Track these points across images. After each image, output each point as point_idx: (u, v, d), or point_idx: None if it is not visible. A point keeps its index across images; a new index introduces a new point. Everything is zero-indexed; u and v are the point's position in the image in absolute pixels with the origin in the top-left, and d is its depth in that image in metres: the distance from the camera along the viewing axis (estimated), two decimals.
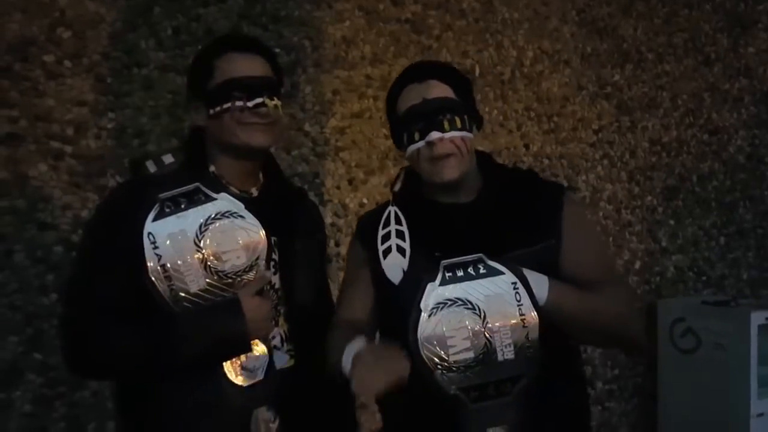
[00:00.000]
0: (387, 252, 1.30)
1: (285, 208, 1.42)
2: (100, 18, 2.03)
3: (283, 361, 1.34)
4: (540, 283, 1.18)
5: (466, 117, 1.32)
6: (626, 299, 1.35)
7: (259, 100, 1.28)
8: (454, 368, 1.09)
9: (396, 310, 1.15)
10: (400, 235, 1.23)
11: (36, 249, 1.90)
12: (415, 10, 2.62)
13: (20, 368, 1.86)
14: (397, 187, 1.41)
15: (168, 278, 1.17)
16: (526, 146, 2.87)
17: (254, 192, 1.39)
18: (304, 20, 2.38)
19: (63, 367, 1.85)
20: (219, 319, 1.21)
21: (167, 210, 1.19)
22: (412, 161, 1.35)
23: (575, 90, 3.01)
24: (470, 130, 1.33)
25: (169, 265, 1.17)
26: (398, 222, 1.26)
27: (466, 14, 2.74)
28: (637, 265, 3.12)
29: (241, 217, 1.22)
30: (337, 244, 2.42)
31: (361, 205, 2.47)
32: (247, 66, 1.31)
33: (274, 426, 1.25)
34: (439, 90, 1.32)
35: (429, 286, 1.11)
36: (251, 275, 1.24)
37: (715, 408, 2.74)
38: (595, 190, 3.04)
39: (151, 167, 1.26)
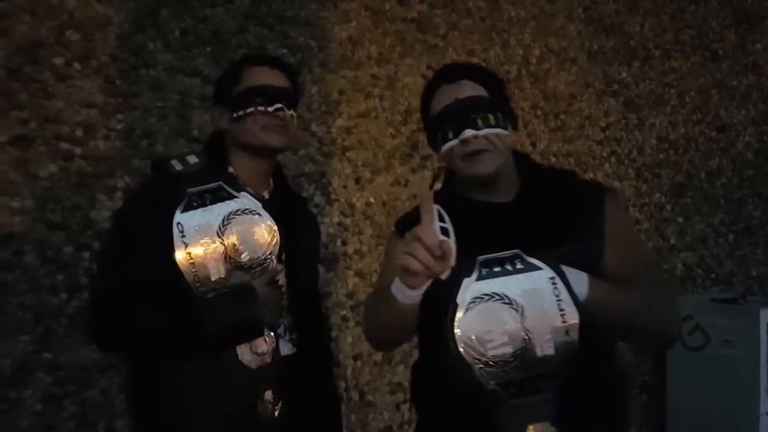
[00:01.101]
0: None
1: (291, 212, 1.53)
2: (108, 20, 2.05)
3: (286, 348, 1.46)
4: (579, 279, 1.17)
5: (499, 114, 1.32)
6: (665, 297, 1.32)
7: (278, 105, 1.45)
8: (491, 363, 1.07)
9: (438, 306, 1.14)
10: (444, 231, 1.20)
11: (46, 249, 1.92)
12: (421, 9, 2.63)
13: (30, 367, 1.87)
14: (437, 187, 1.40)
15: (192, 265, 1.28)
16: (533, 144, 2.87)
17: (266, 195, 1.53)
18: (310, 20, 2.39)
19: (72, 365, 1.91)
20: (237, 304, 1.31)
21: (194, 204, 1.30)
22: (447, 160, 1.36)
23: (582, 88, 3.01)
24: (505, 128, 1.33)
25: (194, 254, 1.28)
26: (442, 219, 1.23)
27: (472, 13, 2.75)
28: None
29: (259, 215, 1.33)
30: (344, 243, 2.43)
31: (368, 204, 2.48)
32: (269, 77, 1.48)
33: (276, 408, 1.34)
34: (471, 89, 1.32)
35: (465, 281, 1.09)
36: (264, 268, 1.34)
37: (724, 405, 2.74)
38: None
39: (177, 165, 1.37)
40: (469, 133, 1.28)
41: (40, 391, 1.88)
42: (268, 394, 1.33)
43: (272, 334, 1.36)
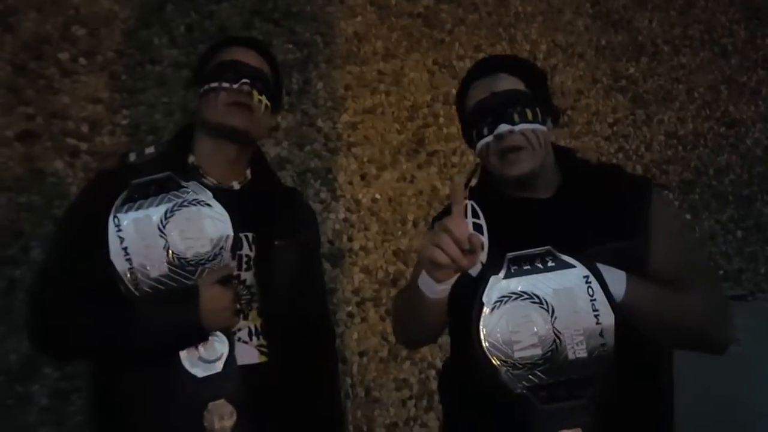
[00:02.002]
0: None
1: (268, 205, 1.41)
2: (114, 15, 2.05)
3: (251, 356, 1.32)
4: (617, 278, 1.10)
5: (538, 109, 1.26)
6: (714, 299, 1.23)
7: (244, 80, 1.32)
8: (519, 366, 1.02)
9: (465, 304, 1.09)
10: (477, 228, 1.14)
11: None
12: (427, 4, 2.62)
13: (37, 362, 1.88)
14: (473, 182, 1.29)
15: (129, 261, 1.17)
16: None
17: (235, 185, 1.40)
18: (315, 16, 2.39)
19: (78, 361, 1.91)
20: (174, 306, 1.20)
21: (136, 196, 1.20)
22: (482, 157, 1.30)
23: (590, 83, 2.99)
24: (543, 123, 1.26)
25: (130, 249, 1.18)
26: (475, 215, 1.18)
27: (479, 8, 2.73)
28: None
29: (209, 206, 1.22)
30: (350, 239, 2.42)
31: (374, 200, 2.47)
32: (243, 55, 1.36)
33: (229, 422, 1.20)
34: (508, 82, 1.27)
35: (492, 279, 1.04)
36: (215, 264, 1.22)
37: (732, 403, 2.72)
38: None
39: (132, 157, 1.28)
40: (504, 128, 1.22)
41: (47, 386, 1.89)
42: (219, 405, 1.19)
43: (226, 339, 1.23)
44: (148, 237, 1.18)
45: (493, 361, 1.02)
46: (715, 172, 3.30)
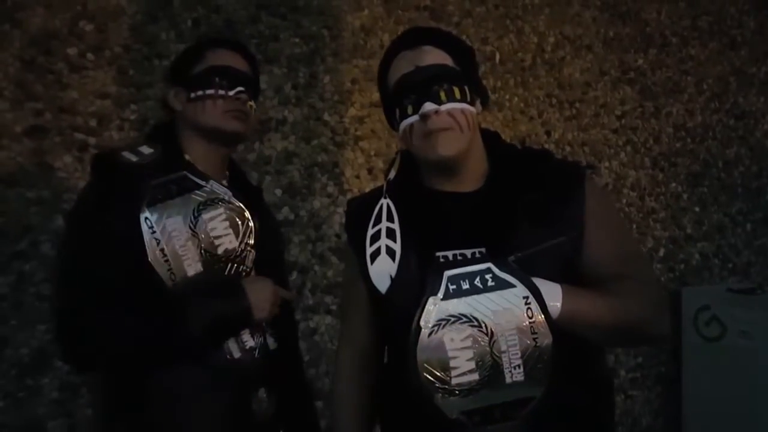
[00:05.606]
0: (375, 255, 1.16)
1: (250, 202, 1.44)
2: (121, 10, 2.05)
3: (271, 342, 1.37)
4: (553, 294, 1.03)
5: (466, 87, 1.15)
6: (650, 296, 1.14)
7: (240, 88, 1.37)
8: (456, 392, 0.97)
9: (386, 323, 1.03)
10: (390, 234, 1.10)
11: None
12: None
13: (48, 356, 1.89)
14: (391, 175, 1.23)
15: (167, 262, 1.21)
16: (548, 133, 2.85)
17: (224, 183, 1.42)
18: (322, 9, 2.38)
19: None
20: (223, 297, 1.25)
21: (160, 196, 1.23)
22: (405, 140, 1.18)
23: (597, 75, 2.98)
24: (472, 103, 1.16)
25: (167, 250, 1.21)
26: (390, 218, 1.14)
27: (486, 0, 2.72)
28: (662, 252, 3.09)
29: (230, 203, 1.29)
30: None
31: None
32: (233, 60, 1.39)
33: (267, 405, 1.29)
34: (434, 56, 1.15)
35: (430, 300, 0.98)
36: (242, 259, 1.28)
37: (741, 396, 2.71)
38: (618, 176, 3.01)
39: (132, 157, 1.27)
40: (429, 107, 1.11)
41: (57, 379, 1.91)
42: (262, 392, 1.27)
43: (261, 328, 1.29)
44: (182, 237, 1.22)
45: (429, 388, 0.98)
46: (724, 165, 3.28)
